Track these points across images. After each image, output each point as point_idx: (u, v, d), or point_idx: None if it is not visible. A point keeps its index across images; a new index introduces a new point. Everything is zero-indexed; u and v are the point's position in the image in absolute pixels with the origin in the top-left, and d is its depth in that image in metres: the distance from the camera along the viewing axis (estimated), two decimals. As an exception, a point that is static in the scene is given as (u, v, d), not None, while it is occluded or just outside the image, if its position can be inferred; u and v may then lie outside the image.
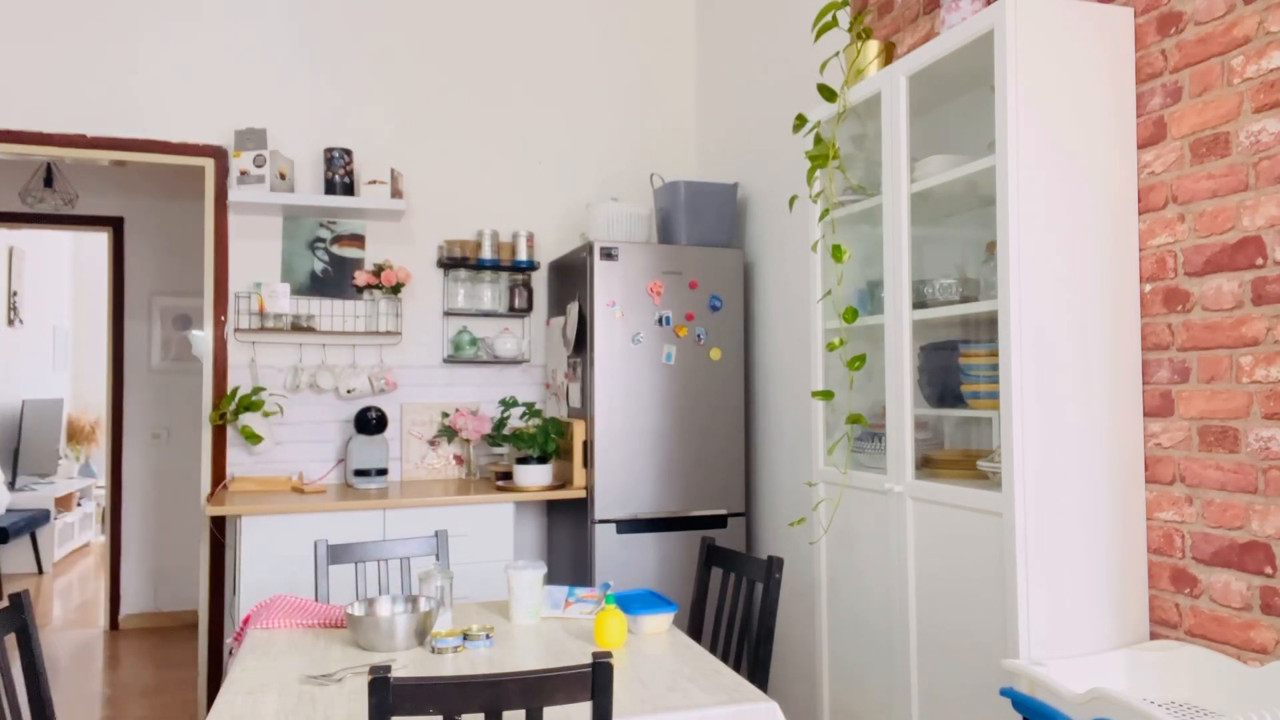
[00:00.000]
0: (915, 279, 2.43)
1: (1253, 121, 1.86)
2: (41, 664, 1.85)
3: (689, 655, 2.00)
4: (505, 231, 4.18)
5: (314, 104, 3.95)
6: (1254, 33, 1.86)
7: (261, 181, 3.67)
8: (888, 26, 3.03)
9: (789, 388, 3.55)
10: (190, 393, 5.50)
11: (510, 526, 3.55)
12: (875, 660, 2.46)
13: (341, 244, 3.95)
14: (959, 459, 2.38)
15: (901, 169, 2.35)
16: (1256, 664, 1.84)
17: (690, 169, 4.47)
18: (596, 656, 1.45)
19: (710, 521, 3.65)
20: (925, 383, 2.46)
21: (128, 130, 3.73)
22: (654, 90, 4.43)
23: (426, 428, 4.00)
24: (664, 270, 3.60)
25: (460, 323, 4.10)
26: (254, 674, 1.87)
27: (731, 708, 1.69)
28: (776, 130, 3.67)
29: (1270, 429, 1.81)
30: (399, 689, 1.38)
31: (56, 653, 4.83)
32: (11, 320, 7.00)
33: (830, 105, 2.63)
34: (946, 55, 2.21)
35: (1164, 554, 2.04)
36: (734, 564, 2.51)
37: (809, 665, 3.45)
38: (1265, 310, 1.83)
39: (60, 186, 5.35)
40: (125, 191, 5.43)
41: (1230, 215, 1.90)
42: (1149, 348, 2.08)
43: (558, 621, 2.27)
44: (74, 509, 7.40)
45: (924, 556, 2.27)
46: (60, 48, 3.67)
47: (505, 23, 4.22)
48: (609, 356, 3.53)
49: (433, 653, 2.00)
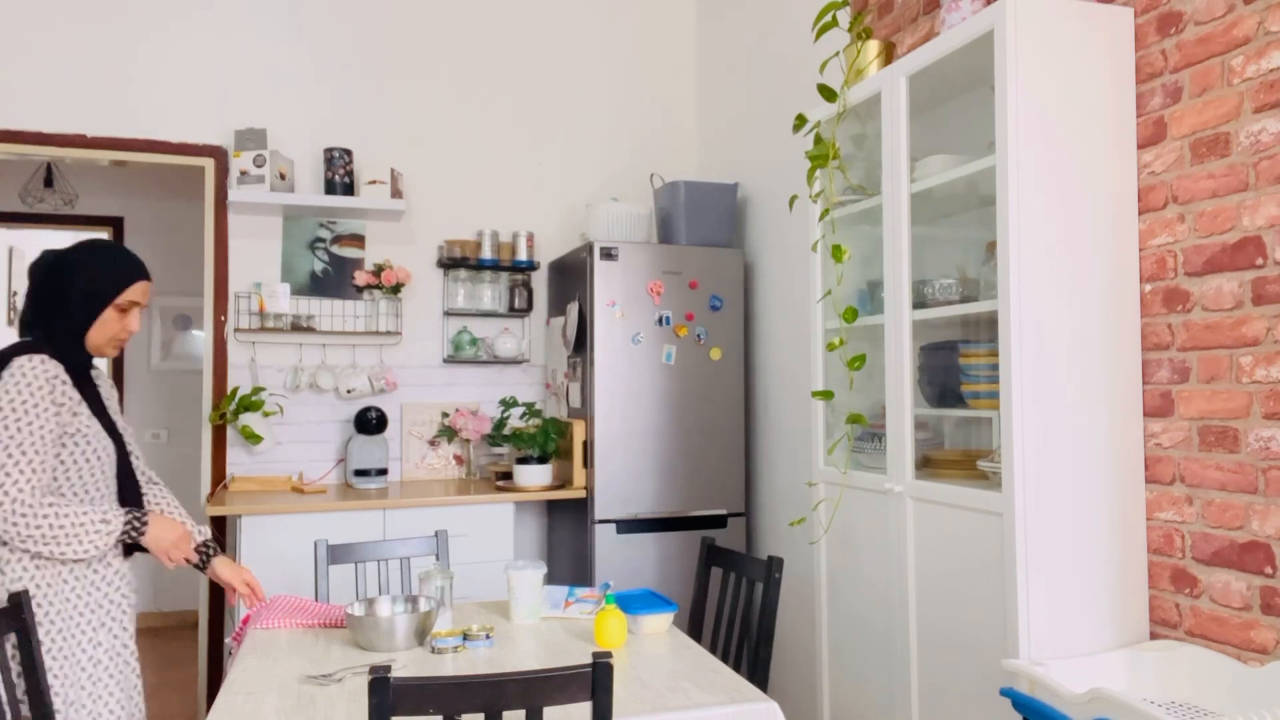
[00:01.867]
0: (915, 279, 2.43)
1: (1253, 121, 1.86)
2: (41, 664, 1.85)
3: (689, 655, 2.00)
4: (505, 231, 4.18)
5: (314, 104, 3.95)
6: (1254, 33, 1.86)
7: (261, 181, 3.67)
8: (888, 26, 3.03)
9: (789, 388, 3.55)
10: (190, 393, 5.50)
11: (510, 526, 3.55)
12: (875, 660, 2.46)
13: (341, 244, 3.95)
14: (959, 459, 2.38)
15: (901, 169, 2.35)
16: (1256, 664, 1.84)
17: (690, 169, 4.47)
18: (596, 656, 1.45)
19: (710, 521, 3.65)
20: (925, 383, 2.46)
21: (128, 130, 3.73)
22: (654, 90, 4.43)
23: (426, 428, 4.00)
24: (664, 270, 3.60)
25: (460, 323, 4.10)
26: (254, 674, 1.87)
27: (731, 708, 1.69)
28: (776, 130, 3.67)
29: (1270, 429, 1.81)
30: (399, 689, 1.38)
31: (56, 653, 4.82)
32: (11, 320, 7.00)
33: (830, 105, 2.63)
34: (946, 55, 2.21)
35: (1164, 554, 2.04)
36: (734, 564, 2.51)
37: (809, 665, 3.45)
38: (1265, 310, 1.83)
39: (60, 186, 5.35)
40: (125, 191, 5.43)
41: (1230, 215, 1.90)
42: (1149, 348, 2.08)
43: (558, 621, 2.27)
44: (74, 509, 7.39)
45: (924, 556, 2.27)
46: (60, 48, 3.67)
47: (505, 22, 4.22)
48: (609, 356, 3.53)
49: (433, 653, 2.00)
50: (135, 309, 2.10)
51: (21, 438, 1.87)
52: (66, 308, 2.02)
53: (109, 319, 2.06)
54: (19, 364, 1.92)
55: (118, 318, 2.07)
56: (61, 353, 2.00)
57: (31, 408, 1.89)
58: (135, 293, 2.08)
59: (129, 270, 2.07)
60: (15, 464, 1.85)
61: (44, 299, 2.03)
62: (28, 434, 1.88)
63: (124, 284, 2.06)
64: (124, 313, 2.08)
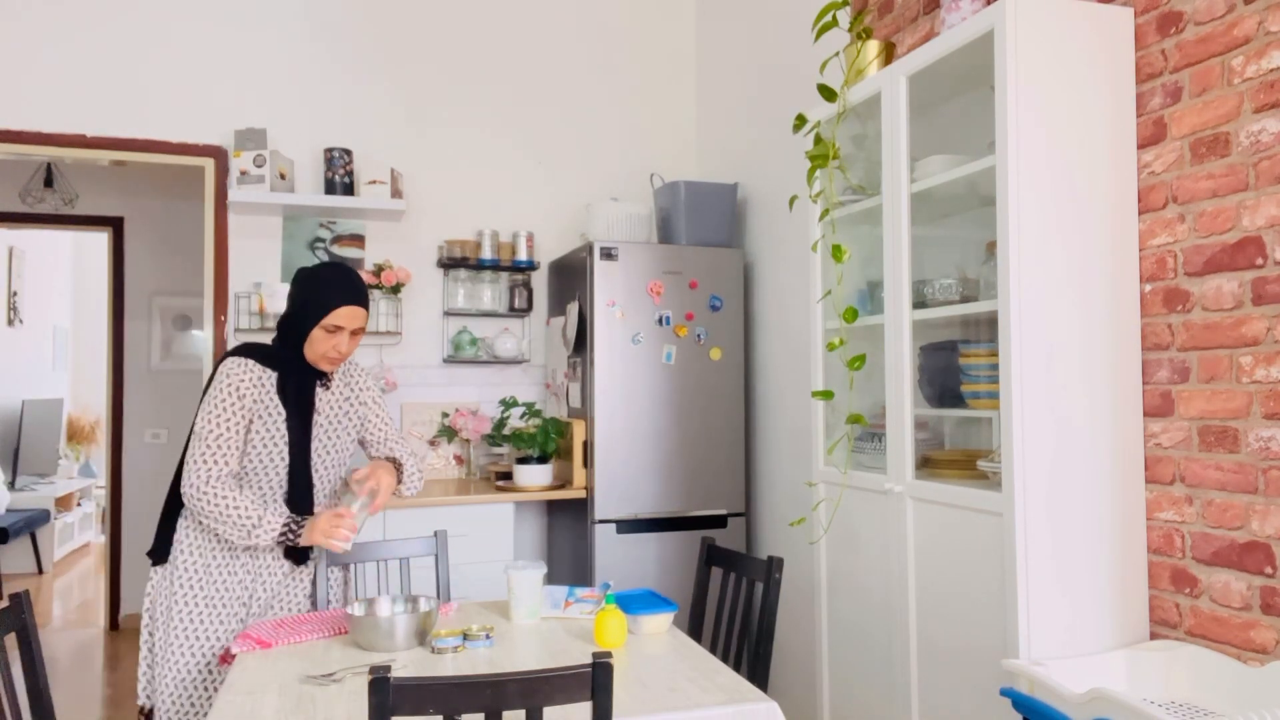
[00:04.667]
0: (915, 279, 2.43)
1: (1253, 121, 1.86)
2: (41, 664, 1.85)
3: (689, 655, 2.00)
4: (505, 231, 4.18)
5: (314, 104, 3.95)
6: (1254, 33, 1.86)
7: (261, 181, 3.67)
8: (888, 26, 3.03)
9: (789, 388, 3.55)
10: (190, 393, 5.50)
11: (510, 526, 3.55)
12: (875, 660, 2.46)
13: (341, 244, 3.95)
14: (959, 459, 2.38)
15: (901, 169, 2.35)
16: (1256, 664, 1.84)
17: (690, 169, 4.47)
18: (596, 656, 1.45)
19: (710, 521, 3.65)
20: (925, 383, 2.46)
21: (128, 130, 3.73)
22: (654, 90, 4.43)
23: (426, 428, 4.00)
24: (664, 270, 3.60)
25: (460, 323, 4.10)
26: (254, 674, 1.87)
27: (731, 708, 1.69)
28: (776, 130, 3.67)
29: (1270, 429, 1.81)
30: (399, 689, 1.38)
31: (56, 653, 4.83)
32: (11, 320, 7.00)
33: (830, 105, 2.63)
34: (946, 55, 2.21)
35: (1164, 554, 2.04)
36: (734, 564, 2.51)
37: (809, 665, 3.45)
38: (1265, 310, 1.83)
39: (60, 186, 5.35)
40: (125, 191, 5.43)
41: (1230, 215, 1.90)
42: (1149, 348, 2.08)
43: (558, 621, 2.27)
44: (74, 509, 7.40)
45: (924, 556, 2.27)
46: (61, 48, 3.67)
47: (506, 22, 4.22)
48: (609, 356, 3.53)
49: (433, 653, 2.00)
50: (342, 332, 2.26)
51: (212, 426, 2.19)
52: (289, 321, 2.29)
53: (317, 338, 2.26)
54: (224, 364, 2.26)
55: (325, 337, 2.26)
56: (273, 359, 2.28)
57: (221, 402, 2.20)
58: (340, 317, 2.24)
59: (331, 295, 2.23)
60: (206, 448, 2.18)
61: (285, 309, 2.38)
62: (216, 424, 2.19)
63: (326, 308, 2.23)
64: (332, 333, 2.26)
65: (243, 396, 2.22)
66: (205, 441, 2.18)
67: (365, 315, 2.30)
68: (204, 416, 2.21)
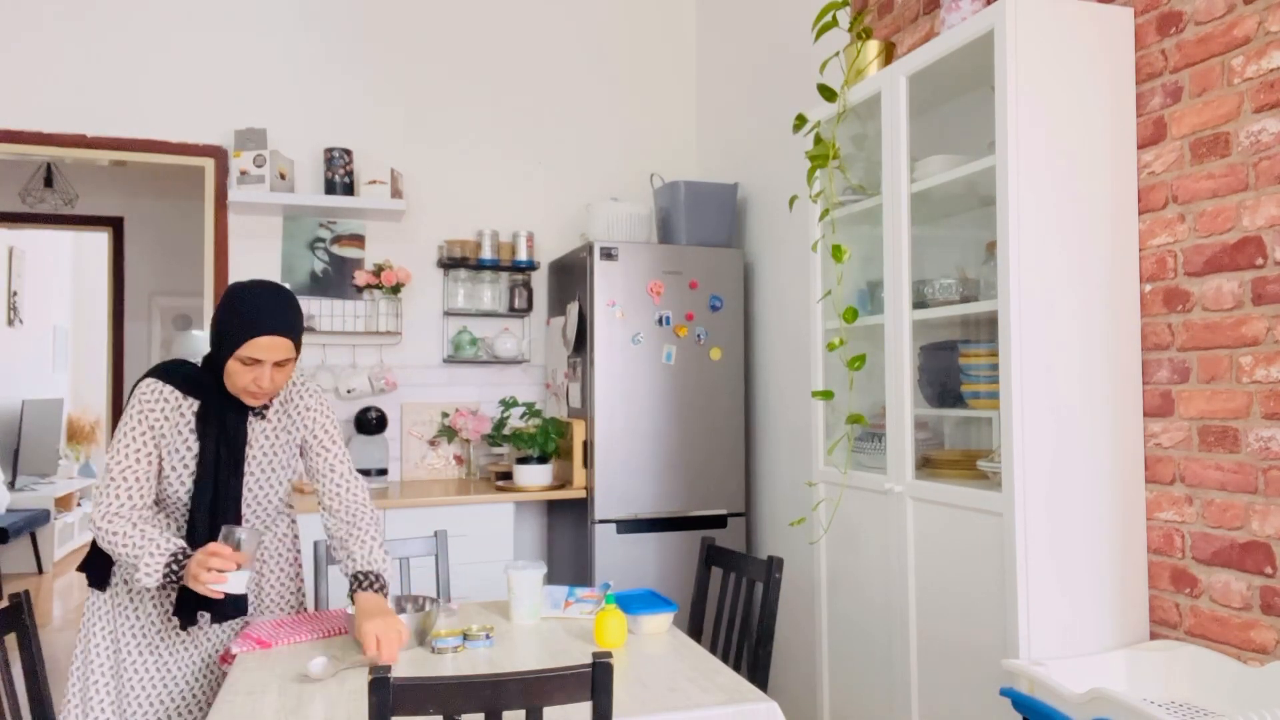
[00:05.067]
0: (915, 279, 2.42)
1: (1253, 121, 1.86)
2: (41, 664, 1.85)
3: (689, 655, 2.00)
4: (505, 231, 4.18)
5: (314, 104, 3.95)
6: (1254, 33, 1.86)
7: (261, 181, 3.67)
8: (888, 26, 3.03)
9: (789, 388, 3.55)
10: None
11: (510, 526, 3.55)
12: (875, 660, 2.46)
13: (341, 244, 3.95)
14: (959, 459, 2.38)
15: (901, 169, 2.35)
16: (1256, 664, 1.84)
17: (690, 169, 4.47)
18: (596, 656, 1.45)
19: (710, 521, 3.65)
20: (925, 383, 2.46)
21: (128, 130, 3.74)
22: (654, 90, 4.43)
23: (426, 428, 4.00)
24: (664, 270, 3.60)
25: (460, 323, 4.10)
26: (254, 674, 1.87)
27: (731, 708, 1.69)
28: (776, 130, 3.67)
29: (1270, 429, 1.81)
30: (399, 689, 1.38)
31: (56, 653, 4.83)
32: (11, 320, 7.00)
33: (830, 105, 2.63)
34: (946, 55, 2.21)
35: (1164, 554, 2.04)
36: (734, 564, 2.51)
37: (809, 665, 3.45)
38: (1265, 310, 1.83)
39: (60, 186, 5.36)
40: (125, 191, 5.43)
41: (1230, 215, 1.90)
42: (1149, 348, 2.08)
43: (558, 621, 2.27)
44: (74, 509, 7.40)
45: (924, 556, 2.27)
46: (60, 48, 3.67)
47: (506, 22, 4.22)
48: (609, 356, 3.53)
49: (433, 653, 2.00)
50: (262, 365, 1.92)
51: (119, 458, 1.96)
52: (212, 345, 1.99)
53: (234, 370, 1.93)
54: (138, 387, 2.02)
55: (243, 370, 1.93)
56: (195, 385, 1.99)
57: (130, 431, 1.97)
58: (258, 349, 1.90)
59: (248, 324, 1.89)
60: (110, 480, 1.96)
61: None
62: (122, 455, 1.96)
63: (239, 339, 1.90)
64: (249, 366, 1.92)
65: (152, 426, 1.97)
66: (110, 474, 1.95)
67: (291, 345, 1.94)
68: (112, 445, 1.97)
